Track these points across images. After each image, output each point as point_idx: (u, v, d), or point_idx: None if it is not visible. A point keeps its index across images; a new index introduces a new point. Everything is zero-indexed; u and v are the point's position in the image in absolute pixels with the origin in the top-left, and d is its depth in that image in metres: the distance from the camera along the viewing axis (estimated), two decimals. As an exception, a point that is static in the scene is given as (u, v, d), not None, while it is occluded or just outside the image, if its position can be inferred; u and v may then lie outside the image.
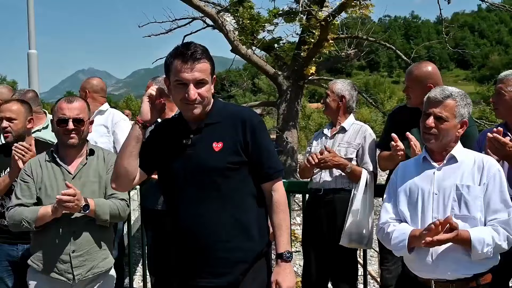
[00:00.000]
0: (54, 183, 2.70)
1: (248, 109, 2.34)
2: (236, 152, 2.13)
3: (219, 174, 2.12)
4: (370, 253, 6.54)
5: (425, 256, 2.29)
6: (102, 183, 2.79)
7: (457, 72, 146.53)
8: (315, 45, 7.63)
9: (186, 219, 2.17)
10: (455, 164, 2.36)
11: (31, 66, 8.69)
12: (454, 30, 11.56)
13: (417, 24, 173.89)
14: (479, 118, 12.61)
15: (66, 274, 2.64)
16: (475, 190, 2.28)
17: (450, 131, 2.33)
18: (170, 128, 2.28)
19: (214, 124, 2.17)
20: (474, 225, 2.26)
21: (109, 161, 2.83)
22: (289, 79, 8.74)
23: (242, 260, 2.17)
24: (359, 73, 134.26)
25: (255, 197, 2.22)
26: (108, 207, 2.69)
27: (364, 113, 43.96)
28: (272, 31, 8.60)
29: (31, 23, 8.72)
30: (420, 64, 3.20)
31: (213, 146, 2.13)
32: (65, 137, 2.70)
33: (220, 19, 8.56)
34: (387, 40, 10.42)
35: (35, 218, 2.59)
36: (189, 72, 2.04)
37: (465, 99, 2.35)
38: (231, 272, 2.15)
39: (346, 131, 3.44)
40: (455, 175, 2.33)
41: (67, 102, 2.74)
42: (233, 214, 2.14)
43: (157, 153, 2.24)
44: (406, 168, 2.52)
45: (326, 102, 3.55)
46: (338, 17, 7.54)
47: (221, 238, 2.14)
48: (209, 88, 2.12)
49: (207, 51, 2.11)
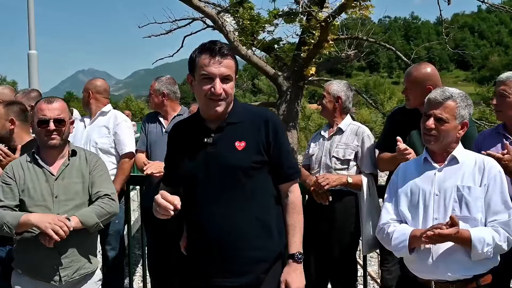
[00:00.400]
0: (37, 185, 2.66)
1: (267, 109, 2.37)
2: (259, 152, 2.15)
3: (243, 173, 2.12)
4: (370, 254, 6.54)
5: (426, 257, 2.30)
6: (86, 183, 2.75)
7: (457, 73, 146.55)
8: (315, 45, 7.63)
9: (208, 217, 2.16)
10: (456, 165, 2.36)
11: (31, 66, 8.71)
12: (454, 31, 11.57)
13: (417, 25, 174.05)
14: (479, 119, 12.61)
15: (53, 276, 2.60)
16: (476, 191, 2.28)
17: (450, 133, 2.33)
18: (187, 128, 2.30)
19: (236, 123, 2.18)
20: (475, 226, 2.26)
21: (91, 160, 2.82)
22: (289, 80, 8.73)
23: (263, 259, 2.17)
24: (359, 74, 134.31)
25: (274, 197, 2.24)
26: (91, 212, 2.65)
27: (364, 114, 43.93)
28: (272, 31, 8.61)
29: (31, 24, 8.73)
30: (419, 65, 3.19)
31: (236, 145, 2.13)
32: (47, 138, 2.66)
33: (220, 20, 8.56)
34: (387, 41, 10.43)
35: (16, 224, 2.52)
36: (216, 66, 2.06)
37: (465, 100, 2.35)
38: (252, 271, 2.15)
39: (343, 132, 3.43)
40: (456, 176, 2.33)
41: (47, 103, 2.69)
42: (256, 213, 2.15)
43: (178, 160, 2.25)
44: (406, 169, 2.52)
45: (322, 104, 3.54)
46: (338, 18, 7.54)
47: (244, 237, 2.14)
48: (233, 85, 2.13)
49: (232, 49, 2.15)
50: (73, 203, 2.68)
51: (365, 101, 12.97)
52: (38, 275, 2.62)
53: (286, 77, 8.85)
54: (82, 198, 2.73)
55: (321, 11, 7.55)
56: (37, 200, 2.63)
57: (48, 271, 2.60)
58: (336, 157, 3.35)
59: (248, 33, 8.10)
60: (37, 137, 2.73)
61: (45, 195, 2.64)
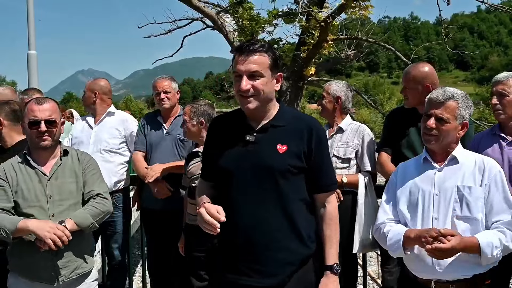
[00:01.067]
0: (31, 185, 2.64)
1: (313, 118, 2.36)
2: (299, 158, 2.15)
3: (281, 176, 2.12)
4: (370, 254, 6.54)
5: (425, 257, 2.29)
6: (80, 182, 2.74)
7: (456, 73, 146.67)
8: (314, 46, 7.62)
9: (240, 214, 2.15)
10: (456, 165, 2.36)
11: (30, 66, 8.71)
12: (454, 31, 11.57)
13: (417, 25, 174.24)
14: (478, 119, 12.61)
15: (49, 277, 2.59)
16: (476, 191, 2.28)
17: (450, 133, 2.33)
18: (228, 123, 2.29)
19: (280, 126, 2.18)
20: (476, 226, 2.27)
21: (83, 160, 2.81)
22: (289, 80, 8.72)
23: (291, 262, 2.16)
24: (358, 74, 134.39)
25: (308, 205, 2.23)
26: (86, 213, 2.65)
27: (364, 114, 43.95)
28: (271, 32, 8.58)
29: (30, 24, 8.73)
30: (417, 64, 3.21)
31: (278, 148, 2.13)
32: (38, 140, 2.64)
33: (219, 20, 8.55)
34: (387, 41, 10.41)
35: (13, 229, 2.50)
36: (243, 63, 2.07)
37: (466, 100, 2.35)
38: (279, 273, 2.14)
39: (343, 131, 3.44)
40: (456, 176, 2.33)
41: (38, 104, 2.66)
42: (288, 216, 2.14)
43: (217, 154, 2.25)
44: (406, 169, 2.52)
45: (322, 104, 3.55)
46: (338, 18, 7.53)
47: (273, 238, 2.13)
48: (265, 82, 2.10)
49: (268, 46, 2.13)
50: (68, 203, 2.67)
51: (364, 101, 12.97)
52: (35, 276, 2.61)
53: (286, 77, 8.83)
54: (76, 197, 2.72)
55: (321, 11, 7.54)
56: (31, 201, 2.61)
57: (45, 272, 2.59)
58: (337, 156, 3.36)
59: (248, 33, 8.08)
60: (28, 138, 2.70)
61: (39, 195, 2.63)
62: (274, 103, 2.22)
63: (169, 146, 3.83)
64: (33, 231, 2.49)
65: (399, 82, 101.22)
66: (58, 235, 2.47)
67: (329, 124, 3.58)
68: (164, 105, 3.87)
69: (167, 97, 3.86)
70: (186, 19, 9.89)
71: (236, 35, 8.52)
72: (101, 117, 4.05)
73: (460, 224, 2.28)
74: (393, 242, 2.36)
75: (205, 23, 9.71)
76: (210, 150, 2.33)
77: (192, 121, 3.30)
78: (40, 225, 2.50)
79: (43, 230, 2.47)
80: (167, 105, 3.87)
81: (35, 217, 2.59)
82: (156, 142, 3.87)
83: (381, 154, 3.24)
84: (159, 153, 3.84)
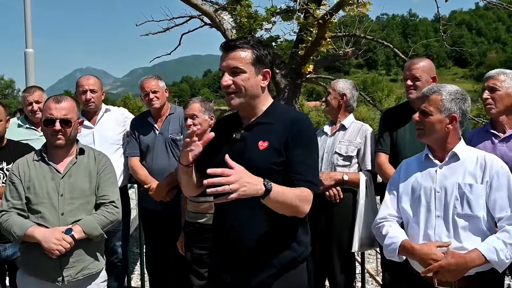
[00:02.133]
0: (43, 182, 2.65)
1: (301, 113, 2.30)
2: (279, 153, 2.07)
3: (263, 174, 1.98)
4: (368, 251, 6.55)
5: None
6: (93, 183, 2.74)
7: (454, 70, 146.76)
8: (312, 43, 7.61)
9: (229, 216, 2.14)
10: (457, 162, 2.36)
11: (28, 65, 8.69)
12: (452, 28, 11.55)
13: (415, 22, 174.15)
14: (477, 116, 12.65)
15: (56, 276, 2.59)
16: (477, 189, 2.28)
17: (435, 125, 2.34)
18: (227, 122, 2.30)
19: (266, 124, 2.13)
20: (477, 224, 2.27)
21: (100, 161, 2.80)
22: (287, 77, 8.72)
23: (277, 264, 2.12)
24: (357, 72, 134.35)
25: None
26: (95, 222, 2.65)
27: (362, 111, 43.98)
28: (269, 29, 8.56)
29: (28, 23, 8.71)
30: (421, 58, 3.34)
31: (259, 145, 2.09)
32: (52, 138, 2.65)
33: (217, 18, 8.54)
34: (385, 38, 10.43)
35: (22, 235, 2.55)
36: (224, 60, 2.06)
37: (454, 94, 2.35)
38: (264, 275, 2.11)
39: (346, 129, 3.46)
40: (457, 174, 2.34)
41: (55, 102, 2.67)
42: (274, 218, 2.07)
43: (210, 150, 2.23)
44: (408, 166, 2.54)
45: (327, 100, 3.58)
46: (336, 15, 7.51)
47: (260, 240, 2.10)
48: (247, 77, 2.05)
49: (253, 42, 2.09)
50: (79, 202, 2.67)
51: (363, 99, 12.97)
52: (42, 274, 2.61)
53: (284, 74, 8.83)
54: (88, 197, 2.71)
55: (319, 8, 7.53)
56: (42, 197, 2.62)
57: (51, 271, 2.60)
58: (339, 153, 3.37)
59: (246, 31, 8.07)
60: (44, 135, 2.74)
61: (51, 192, 2.63)
62: (263, 99, 2.16)
63: (162, 148, 3.80)
64: (39, 242, 2.52)
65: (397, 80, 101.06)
66: (64, 247, 2.51)
67: (333, 121, 3.59)
68: (154, 105, 3.83)
69: (156, 97, 3.82)
70: (184, 17, 9.88)
71: (234, 33, 8.51)
72: (99, 115, 3.99)
73: (461, 222, 2.28)
74: (390, 248, 2.39)
75: (203, 20, 9.69)
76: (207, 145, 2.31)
77: (205, 115, 3.33)
78: (46, 235, 2.53)
79: (49, 241, 2.51)
80: (157, 105, 3.84)
81: (45, 214, 2.61)
82: (149, 145, 3.84)
83: (379, 155, 3.25)
84: (153, 155, 3.82)
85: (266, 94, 2.19)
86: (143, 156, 3.90)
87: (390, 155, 3.21)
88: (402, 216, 2.48)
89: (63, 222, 2.61)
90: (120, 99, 75.64)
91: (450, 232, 2.29)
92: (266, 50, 2.12)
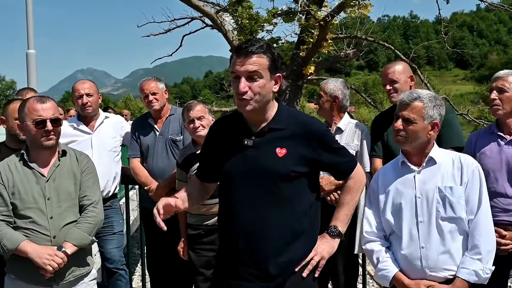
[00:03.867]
0: (28, 186, 2.61)
1: (314, 119, 2.30)
2: (299, 162, 2.12)
3: (280, 180, 2.10)
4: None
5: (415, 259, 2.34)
6: (78, 184, 2.72)
7: (456, 72, 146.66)
8: (314, 45, 7.62)
9: (243, 220, 2.14)
10: (434, 166, 2.37)
11: (29, 66, 8.69)
12: (453, 30, 11.57)
13: (416, 24, 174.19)
14: (478, 118, 12.62)
15: (47, 280, 2.57)
16: (458, 190, 2.30)
17: (419, 133, 2.34)
18: (228, 126, 2.27)
19: (279, 130, 2.14)
20: (462, 226, 2.30)
21: (82, 161, 2.78)
22: (288, 79, 8.72)
23: (292, 264, 2.15)
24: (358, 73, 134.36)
25: (311, 206, 2.20)
26: (82, 233, 2.64)
27: (363, 112, 43.92)
28: (271, 31, 8.56)
29: (29, 23, 8.71)
30: (395, 62, 3.49)
31: (277, 152, 2.10)
32: (44, 139, 2.60)
33: (219, 19, 8.55)
34: (386, 40, 10.43)
35: (13, 249, 2.52)
36: (241, 65, 2.03)
37: (434, 101, 2.35)
38: (279, 276, 2.13)
39: (342, 131, 3.44)
40: (436, 177, 2.34)
41: (41, 103, 2.63)
42: (288, 221, 2.12)
43: (215, 157, 2.25)
44: (385, 174, 2.52)
45: (319, 103, 3.53)
46: (337, 17, 7.52)
47: (275, 243, 2.12)
48: (263, 84, 2.06)
49: (267, 46, 2.09)
50: (66, 204, 2.66)
51: (364, 100, 12.97)
52: (32, 279, 2.59)
53: (285, 76, 8.83)
54: (75, 199, 2.70)
55: (320, 10, 7.54)
56: (28, 202, 2.58)
57: (42, 275, 2.56)
58: None
59: (247, 32, 8.07)
60: (32, 138, 2.64)
61: (37, 197, 2.60)
62: (272, 104, 2.18)
63: (162, 149, 3.81)
64: (32, 259, 2.50)
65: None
66: (56, 262, 2.50)
67: (328, 123, 3.57)
68: (154, 107, 3.84)
69: (156, 98, 3.83)
70: (185, 18, 9.88)
71: (235, 34, 8.51)
72: (97, 121, 3.97)
73: (445, 226, 2.30)
74: (381, 276, 2.42)
75: (204, 22, 9.69)
76: (208, 152, 2.33)
77: (210, 117, 3.35)
78: (39, 252, 2.51)
79: (42, 258, 2.50)
80: (157, 106, 3.85)
81: (33, 219, 2.58)
82: (149, 146, 3.85)
83: (374, 161, 3.27)
84: (154, 156, 3.83)
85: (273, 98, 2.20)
86: (143, 157, 3.90)
87: (384, 157, 3.21)
88: (385, 228, 2.48)
89: (53, 225, 2.59)
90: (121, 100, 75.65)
91: (435, 237, 2.31)
92: (277, 53, 2.14)
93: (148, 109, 3.95)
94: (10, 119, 3.15)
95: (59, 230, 2.61)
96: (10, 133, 3.19)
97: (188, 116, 3.31)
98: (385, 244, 2.47)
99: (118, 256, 3.92)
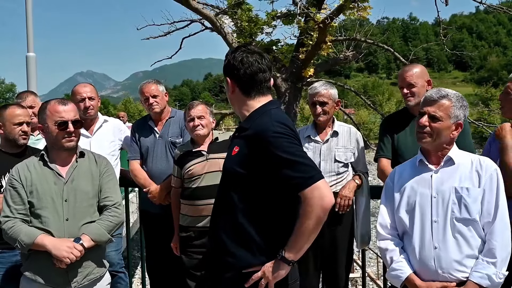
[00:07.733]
0: (46, 186, 2.63)
1: (267, 123, 2.08)
2: (241, 162, 2.09)
3: (230, 179, 2.15)
4: (369, 255, 6.56)
5: (428, 260, 2.31)
6: (96, 186, 2.74)
7: (455, 74, 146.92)
8: (313, 47, 7.64)
9: (210, 217, 2.31)
10: (452, 166, 2.35)
11: (29, 69, 8.69)
12: (452, 32, 11.58)
13: (415, 26, 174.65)
14: (477, 120, 12.63)
15: (62, 282, 2.58)
16: (475, 192, 2.27)
17: (443, 131, 2.31)
18: None
19: (244, 129, 2.16)
20: (476, 228, 2.27)
21: (101, 163, 2.81)
22: (287, 81, 8.74)
23: (236, 268, 2.12)
24: (357, 75, 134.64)
25: (261, 212, 2.10)
26: (102, 229, 2.66)
27: (363, 115, 43.96)
28: (270, 33, 8.60)
29: (29, 27, 8.71)
30: (413, 64, 3.34)
31: (234, 150, 2.16)
32: (65, 140, 2.65)
33: (218, 22, 8.57)
34: (385, 42, 10.45)
35: (30, 243, 2.52)
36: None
37: (461, 101, 2.34)
38: (222, 276, 2.15)
39: (338, 134, 3.45)
40: (453, 178, 2.32)
41: (62, 105, 2.68)
42: (237, 223, 2.10)
43: None
44: (402, 172, 2.50)
45: (325, 110, 3.41)
46: (336, 19, 7.55)
47: (223, 243, 2.13)
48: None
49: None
50: (82, 206, 2.67)
51: (363, 102, 12.98)
52: (48, 280, 2.59)
53: (284, 78, 8.86)
54: (91, 200, 2.71)
55: (319, 12, 7.56)
56: (46, 202, 2.60)
57: (58, 277, 2.58)
58: (339, 161, 3.39)
59: (247, 35, 8.10)
60: (53, 139, 2.67)
61: (54, 198, 2.62)
62: (248, 104, 2.19)
63: (162, 151, 3.81)
64: (50, 251, 2.51)
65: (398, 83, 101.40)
66: (75, 255, 2.51)
67: (315, 125, 3.52)
68: (155, 109, 3.85)
69: (156, 101, 3.84)
70: (184, 21, 9.93)
71: (235, 37, 8.54)
72: (96, 125, 3.97)
73: (460, 227, 2.27)
74: (393, 276, 2.40)
75: (204, 24, 9.73)
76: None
77: (211, 118, 3.40)
78: (57, 244, 2.52)
79: (60, 250, 2.50)
80: (158, 109, 3.85)
81: (49, 219, 2.59)
82: (149, 148, 3.86)
83: (381, 161, 3.26)
84: (153, 158, 3.83)
85: (255, 99, 2.17)
86: (143, 160, 3.91)
87: (392, 159, 3.21)
88: (398, 227, 2.46)
89: (67, 227, 2.61)
90: (121, 103, 75.73)
91: (448, 237, 2.28)
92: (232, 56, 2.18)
93: (148, 112, 3.95)
94: (7, 124, 3.16)
95: (74, 232, 2.62)
96: (7, 138, 3.19)
97: (188, 114, 3.37)
98: (399, 244, 2.45)
99: (117, 259, 3.91)
